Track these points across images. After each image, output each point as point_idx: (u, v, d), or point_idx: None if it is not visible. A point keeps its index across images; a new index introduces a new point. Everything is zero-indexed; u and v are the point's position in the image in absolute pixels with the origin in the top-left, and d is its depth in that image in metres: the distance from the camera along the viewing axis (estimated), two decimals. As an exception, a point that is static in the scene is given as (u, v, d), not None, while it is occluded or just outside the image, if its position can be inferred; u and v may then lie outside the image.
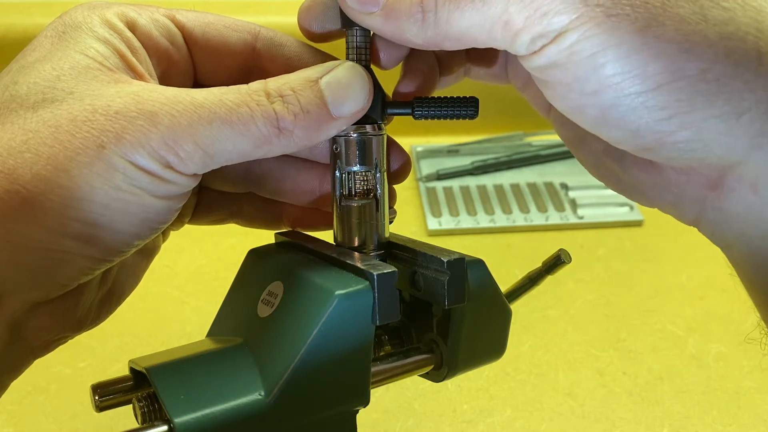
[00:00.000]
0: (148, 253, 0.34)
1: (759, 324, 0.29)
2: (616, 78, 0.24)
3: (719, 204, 0.27)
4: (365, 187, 0.31)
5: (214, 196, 0.35)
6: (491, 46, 0.26)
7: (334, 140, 0.31)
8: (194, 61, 0.32)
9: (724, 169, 0.26)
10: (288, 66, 0.32)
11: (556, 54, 0.25)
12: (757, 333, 0.30)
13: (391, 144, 0.33)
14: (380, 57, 0.32)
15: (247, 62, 0.33)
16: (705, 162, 0.26)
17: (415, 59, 0.32)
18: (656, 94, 0.24)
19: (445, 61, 0.33)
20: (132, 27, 0.30)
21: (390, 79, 0.33)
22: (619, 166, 0.30)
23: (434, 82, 0.33)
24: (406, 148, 0.34)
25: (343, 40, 0.31)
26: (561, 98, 0.27)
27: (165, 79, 0.31)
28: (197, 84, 0.33)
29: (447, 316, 0.32)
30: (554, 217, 0.80)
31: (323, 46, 0.33)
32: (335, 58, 0.31)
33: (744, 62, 0.24)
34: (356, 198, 0.31)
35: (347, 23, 0.29)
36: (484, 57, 0.34)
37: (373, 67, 0.31)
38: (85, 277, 0.28)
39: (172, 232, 0.36)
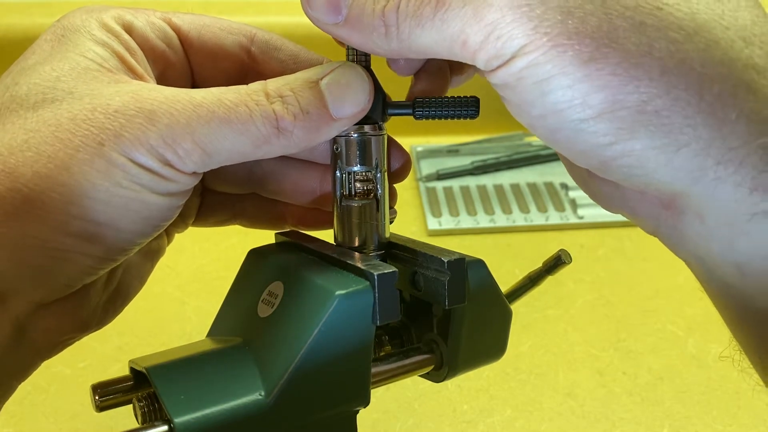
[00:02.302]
0: (152, 255, 0.34)
1: (730, 341, 0.29)
2: (560, 105, 0.24)
3: (673, 223, 0.27)
4: (365, 188, 0.31)
5: (218, 198, 0.35)
6: (454, 59, 0.27)
7: (334, 140, 0.31)
8: (191, 63, 0.32)
9: (671, 193, 0.26)
10: (283, 68, 0.32)
11: (507, 76, 0.25)
12: (729, 351, 0.30)
13: (392, 143, 0.33)
14: (400, 64, 0.32)
15: (243, 64, 0.33)
16: (651, 187, 0.26)
17: (427, 63, 0.32)
18: (598, 121, 0.24)
19: (456, 62, 0.33)
20: (129, 30, 0.30)
21: (392, 80, 0.33)
22: (586, 173, 0.30)
23: (446, 84, 0.33)
24: (406, 148, 0.34)
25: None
26: (516, 115, 0.27)
27: (162, 81, 0.31)
28: (195, 86, 0.33)
29: (447, 317, 0.32)
30: (554, 217, 0.80)
31: (327, 48, 0.33)
32: (331, 60, 0.31)
33: (684, 97, 0.24)
34: (356, 198, 0.31)
35: None
36: None
37: (373, 67, 0.31)
38: (88, 277, 0.28)
39: (175, 234, 0.36)
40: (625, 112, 0.24)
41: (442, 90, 0.33)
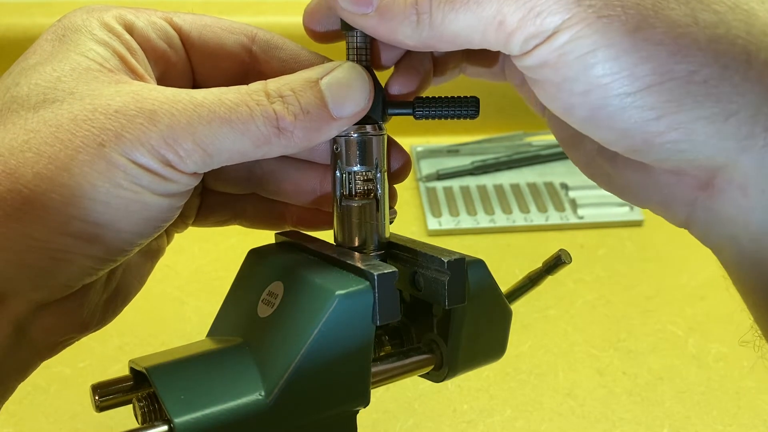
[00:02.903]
0: (152, 254, 0.34)
1: (752, 326, 0.29)
2: (605, 78, 0.24)
3: (709, 205, 0.27)
4: (365, 188, 0.31)
5: (217, 198, 0.35)
6: (484, 47, 0.26)
7: (334, 140, 0.31)
8: (192, 63, 0.32)
9: (713, 170, 0.26)
10: (284, 68, 0.32)
11: (547, 54, 0.25)
12: (751, 335, 0.30)
13: (392, 144, 0.33)
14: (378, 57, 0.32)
15: (244, 64, 0.33)
16: (694, 163, 0.26)
17: (411, 59, 0.32)
18: (645, 94, 0.24)
19: (440, 61, 0.33)
20: (130, 30, 0.30)
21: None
22: (611, 166, 0.30)
23: (427, 84, 0.33)
24: (406, 148, 0.34)
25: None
26: (551, 98, 0.27)
27: (163, 81, 0.31)
28: (195, 86, 0.33)
29: (447, 317, 0.32)
30: (554, 217, 0.80)
31: (326, 47, 0.33)
32: (332, 60, 0.31)
33: (732, 65, 0.24)
34: (356, 198, 0.31)
35: (346, 26, 0.30)
36: (483, 57, 0.34)
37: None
38: (88, 277, 0.28)
39: (174, 234, 0.36)
40: (673, 83, 0.24)
41: (421, 89, 0.33)
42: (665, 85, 0.24)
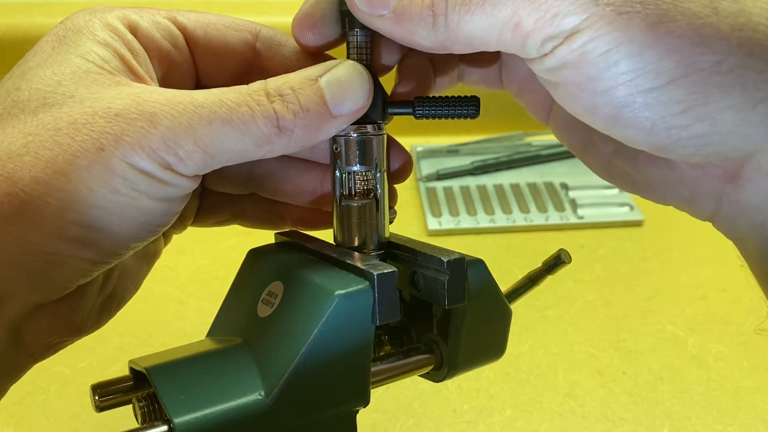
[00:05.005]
0: (149, 257, 0.34)
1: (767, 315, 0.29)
2: (629, 75, 0.24)
3: (736, 196, 0.27)
4: (365, 187, 0.31)
5: (217, 198, 0.35)
6: (501, 49, 0.26)
7: (334, 140, 0.31)
8: (196, 61, 0.32)
9: (741, 160, 0.26)
10: (287, 65, 0.32)
11: (567, 54, 0.25)
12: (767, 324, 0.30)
13: (392, 144, 0.33)
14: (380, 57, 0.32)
15: (248, 62, 0.33)
16: (721, 155, 0.26)
17: (410, 62, 0.32)
18: (670, 88, 0.24)
19: (439, 63, 0.33)
20: (134, 30, 0.30)
21: (391, 80, 0.33)
22: (631, 165, 0.30)
23: (430, 85, 0.33)
24: (406, 148, 0.34)
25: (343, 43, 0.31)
26: (573, 99, 0.26)
27: (167, 81, 0.31)
28: (199, 85, 0.33)
29: (447, 316, 0.32)
30: (554, 217, 0.80)
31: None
32: (333, 58, 0.31)
33: (757, 52, 0.24)
34: (356, 198, 0.31)
35: (347, 24, 0.29)
36: (479, 59, 0.34)
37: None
38: (83, 279, 0.28)
39: (173, 235, 0.36)
40: (698, 76, 0.24)
41: (426, 92, 0.33)
42: (690, 77, 0.24)
